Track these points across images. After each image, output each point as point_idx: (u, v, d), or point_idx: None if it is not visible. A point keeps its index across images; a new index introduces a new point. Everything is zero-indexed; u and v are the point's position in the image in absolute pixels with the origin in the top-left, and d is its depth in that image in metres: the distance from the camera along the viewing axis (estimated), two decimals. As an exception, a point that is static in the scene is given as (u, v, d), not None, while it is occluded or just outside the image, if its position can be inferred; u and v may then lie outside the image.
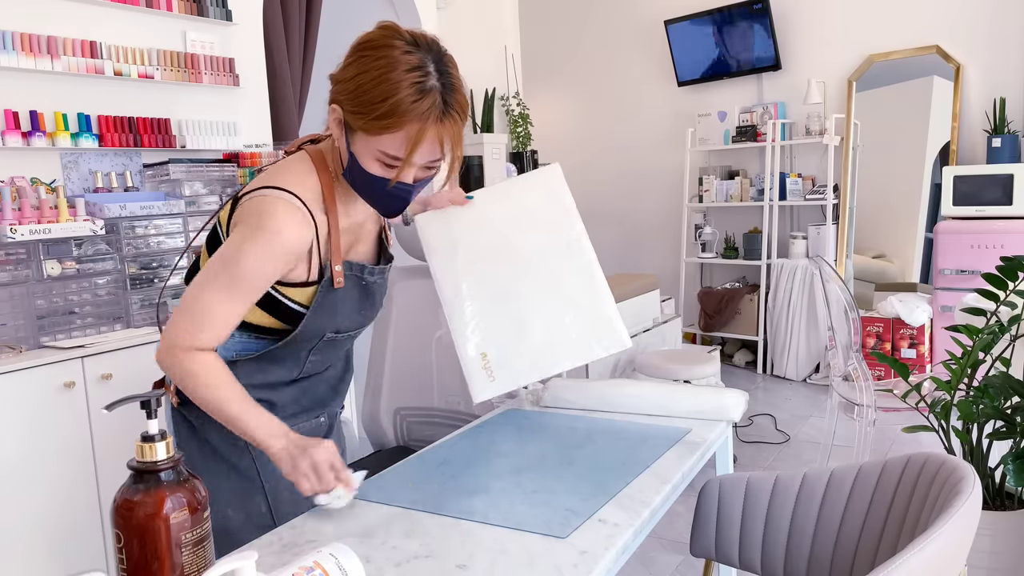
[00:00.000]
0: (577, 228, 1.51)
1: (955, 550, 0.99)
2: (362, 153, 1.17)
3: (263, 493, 1.32)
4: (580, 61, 5.95)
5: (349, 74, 1.14)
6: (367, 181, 1.19)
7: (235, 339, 1.31)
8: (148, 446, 0.90)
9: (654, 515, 1.19)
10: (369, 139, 1.15)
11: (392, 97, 1.10)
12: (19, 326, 2.36)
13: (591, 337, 1.45)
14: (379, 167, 1.17)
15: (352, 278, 1.31)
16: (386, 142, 1.14)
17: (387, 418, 2.29)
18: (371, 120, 1.12)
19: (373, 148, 1.15)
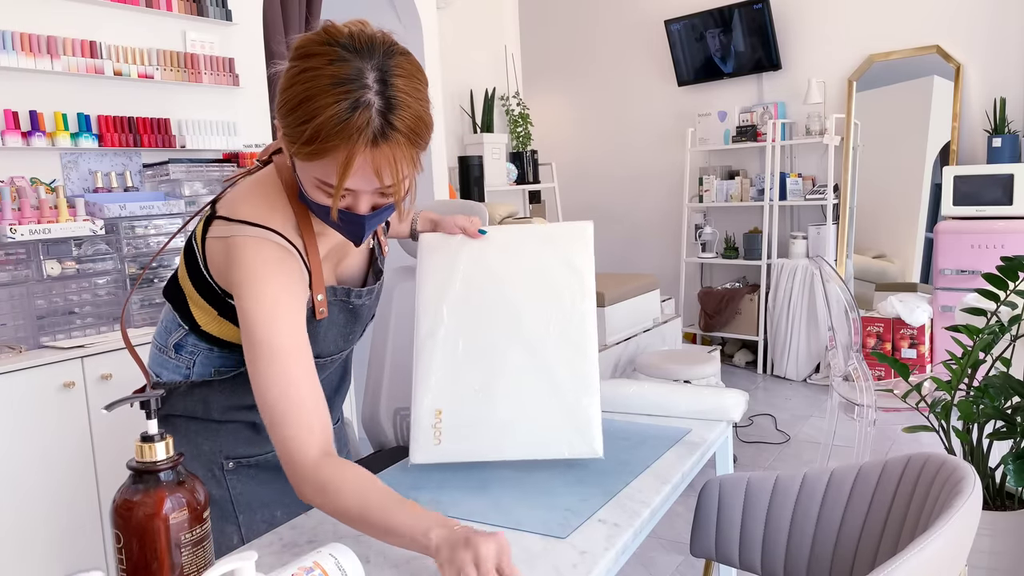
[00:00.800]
0: (587, 304, 1.30)
1: (955, 550, 0.98)
2: (303, 179, 1.02)
3: (236, 524, 1.24)
4: (580, 61, 5.95)
5: (281, 86, 0.97)
6: (314, 209, 1.06)
7: (214, 353, 1.22)
8: (148, 446, 0.89)
9: (654, 515, 1.19)
10: (303, 165, 1.00)
11: (315, 119, 0.92)
12: (19, 326, 2.36)
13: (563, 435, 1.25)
14: (321, 195, 1.01)
15: (337, 303, 1.22)
16: (318, 168, 0.98)
17: (387, 418, 2.29)
18: (299, 145, 0.95)
19: (309, 175, 1.00)
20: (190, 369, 1.24)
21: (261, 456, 1.28)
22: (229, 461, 1.25)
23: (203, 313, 1.19)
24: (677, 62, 5.42)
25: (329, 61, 0.93)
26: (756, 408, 4.30)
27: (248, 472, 1.26)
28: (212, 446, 1.24)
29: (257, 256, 1.04)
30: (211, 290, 1.15)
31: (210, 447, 1.24)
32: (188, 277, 1.18)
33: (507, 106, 5.79)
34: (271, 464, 1.28)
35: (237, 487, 1.25)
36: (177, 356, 1.24)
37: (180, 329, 1.22)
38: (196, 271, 1.16)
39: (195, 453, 1.23)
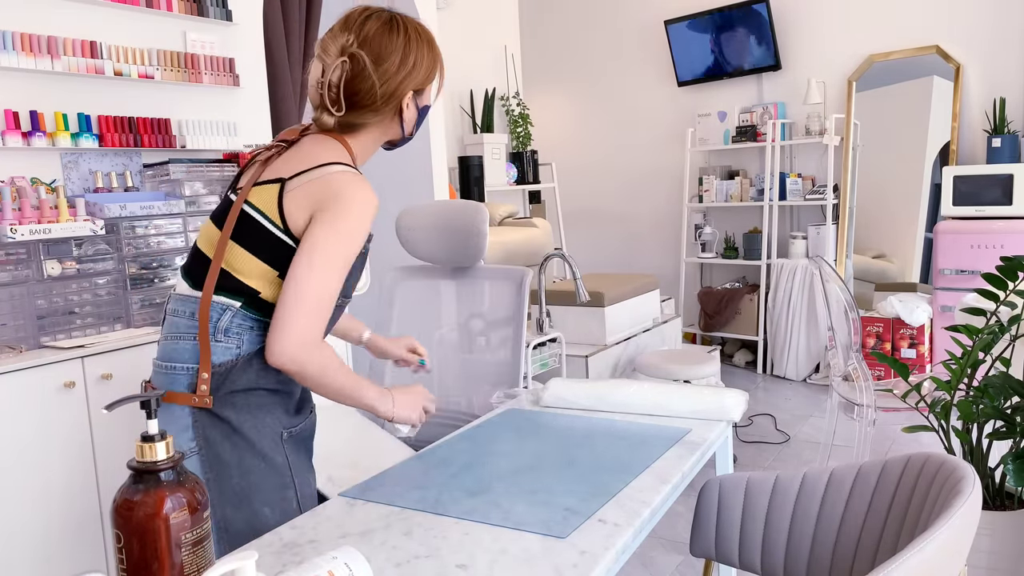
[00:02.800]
0: None
1: (955, 550, 0.99)
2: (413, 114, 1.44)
3: (294, 488, 1.37)
4: (580, 61, 5.95)
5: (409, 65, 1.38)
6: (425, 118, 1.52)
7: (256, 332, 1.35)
8: (148, 446, 0.90)
9: (654, 515, 1.19)
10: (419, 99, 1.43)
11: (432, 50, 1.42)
12: (19, 326, 2.36)
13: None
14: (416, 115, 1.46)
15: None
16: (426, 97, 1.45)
17: (387, 418, 2.29)
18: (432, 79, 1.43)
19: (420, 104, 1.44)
20: (239, 348, 1.34)
21: (300, 425, 1.44)
22: (284, 431, 1.39)
23: (260, 280, 1.33)
24: (677, 62, 5.42)
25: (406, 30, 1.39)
26: (756, 408, 4.30)
27: (293, 441, 1.42)
28: (272, 418, 1.38)
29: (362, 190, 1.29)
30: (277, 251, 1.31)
31: (271, 419, 1.37)
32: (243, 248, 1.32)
33: (507, 106, 5.79)
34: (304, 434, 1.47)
35: (291, 454, 1.40)
36: (227, 338, 1.34)
37: (227, 312, 1.33)
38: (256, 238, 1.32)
39: (261, 426, 1.36)
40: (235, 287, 1.33)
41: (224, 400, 1.33)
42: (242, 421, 1.34)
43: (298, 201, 1.29)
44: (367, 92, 1.35)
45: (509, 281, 2.17)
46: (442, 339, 2.26)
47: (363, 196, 1.28)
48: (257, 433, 1.34)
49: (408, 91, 1.38)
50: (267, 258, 1.31)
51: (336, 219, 1.26)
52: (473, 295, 2.23)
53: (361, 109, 1.37)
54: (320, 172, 1.29)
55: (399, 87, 1.37)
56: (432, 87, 1.45)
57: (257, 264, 1.32)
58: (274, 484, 1.35)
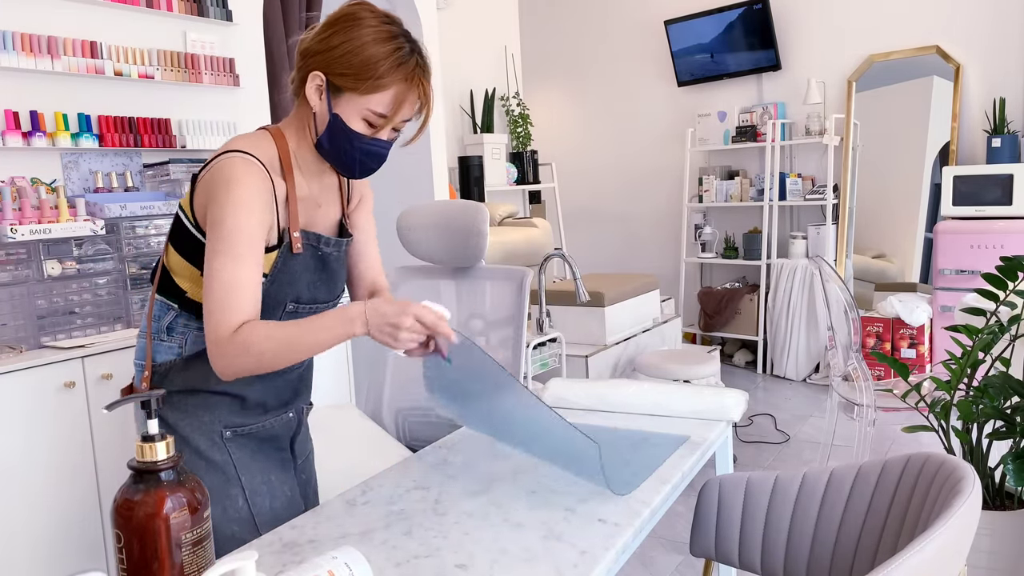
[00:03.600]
0: None
1: (955, 550, 0.99)
2: (348, 113, 1.27)
3: (240, 487, 1.35)
4: (580, 61, 5.95)
5: (335, 42, 1.25)
6: (349, 139, 1.28)
7: (191, 329, 1.33)
8: (148, 446, 0.90)
9: (654, 515, 1.19)
10: (358, 99, 1.25)
11: (385, 60, 1.24)
12: (19, 326, 2.36)
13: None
14: (364, 126, 1.27)
15: (309, 248, 1.35)
16: (375, 101, 1.25)
17: (389, 418, 2.29)
18: (364, 81, 1.24)
19: (361, 108, 1.26)
20: (183, 348, 1.33)
21: (253, 426, 1.39)
22: (227, 430, 1.36)
23: (186, 280, 1.31)
24: (677, 62, 5.42)
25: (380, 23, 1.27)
26: (756, 408, 4.30)
27: (242, 440, 1.37)
28: (211, 416, 1.35)
29: (238, 168, 1.22)
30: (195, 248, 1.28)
31: (209, 418, 1.34)
32: (174, 249, 1.31)
33: (507, 106, 5.79)
34: (262, 435, 1.41)
35: (236, 453, 1.36)
36: (170, 337, 1.33)
37: (170, 311, 1.33)
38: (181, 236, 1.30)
39: (196, 424, 1.33)
40: (171, 287, 1.33)
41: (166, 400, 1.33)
42: (177, 420, 1.33)
43: (199, 194, 1.26)
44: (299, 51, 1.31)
45: (509, 281, 2.17)
46: (442, 339, 2.25)
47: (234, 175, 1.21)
48: (192, 431, 1.33)
49: (317, 67, 1.26)
50: (189, 257, 1.30)
51: (215, 206, 1.21)
52: (473, 295, 2.23)
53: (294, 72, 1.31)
54: (216, 160, 1.25)
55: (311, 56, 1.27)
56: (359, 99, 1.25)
57: (183, 264, 1.31)
58: (215, 482, 1.33)
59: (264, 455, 1.41)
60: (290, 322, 1.20)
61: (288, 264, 1.31)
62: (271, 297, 1.31)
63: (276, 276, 1.30)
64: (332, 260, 1.41)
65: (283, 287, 1.32)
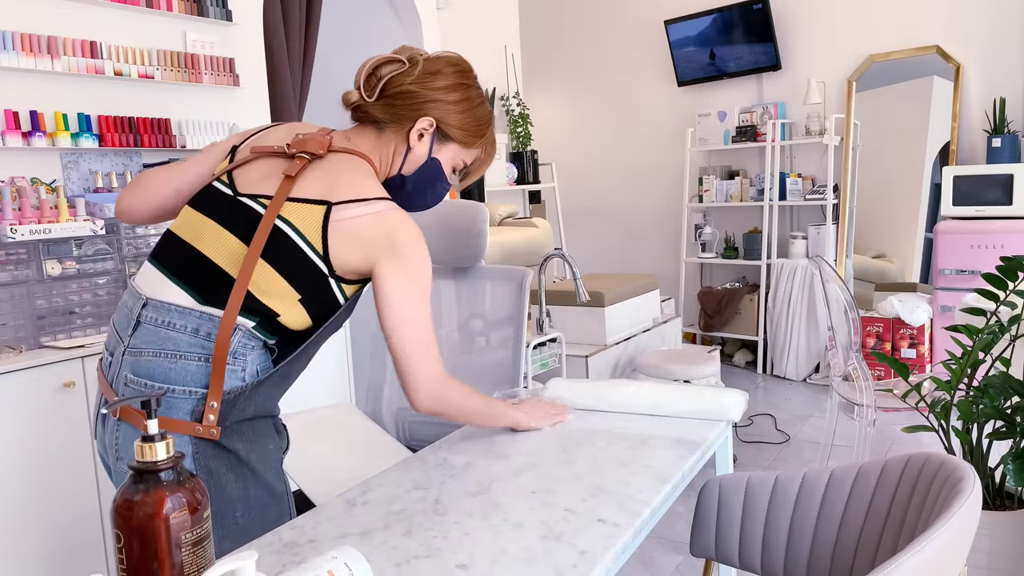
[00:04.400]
0: None
1: (955, 550, 0.99)
2: (446, 160, 1.41)
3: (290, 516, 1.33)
4: (580, 61, 5.95)
5: (454, 97, 1.37)
6: (437, 182, 1.42)
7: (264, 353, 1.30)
8: (148, 446, 0.89)
9: (654, 515, 1.19)
10: (459, 151, 1.41)
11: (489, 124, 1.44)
12: (19, 326, 2.36)
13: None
14: (450, 171, 1.43)
15: None
16: (470, 154, 1.43)
17: (389, 418, 2.29)
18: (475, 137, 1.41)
19: (458, 158, 1.42)
20: (245, 371, 1.27)
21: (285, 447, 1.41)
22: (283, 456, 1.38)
23: (280, 301, 1.27)
24: (677, 62, 5.42)
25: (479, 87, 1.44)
26: (756, 408, 4.30)
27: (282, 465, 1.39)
28: (273, 445, 1.35)
29: (415, 230, 1.30)
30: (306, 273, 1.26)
31: (273, 446, 1.34)
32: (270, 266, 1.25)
33: (507, 106, 5.79)
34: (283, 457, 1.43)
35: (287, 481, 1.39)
36: (234, 361, 1.26)
37: (238, 331, 1.25)
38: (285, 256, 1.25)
39: (263, 455, 1.30)
40: (253, 307, 1.25)
41: (231, 429, 1.26)
42: (249, 451, 1.28)
43: (348, 236, 1.25)
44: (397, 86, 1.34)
45: (509, 281, 2.17)
46: (443, 339, 2.26)
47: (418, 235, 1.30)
48: (263, 463, 1.29)
49: (431, 114, 1.35)
50: (295, 280, 1.25)
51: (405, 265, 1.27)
52: (473, 295, 2.23)
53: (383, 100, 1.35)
54: (370, 208, 1.27)
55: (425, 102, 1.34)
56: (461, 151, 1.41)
57: (283, 285, 1.25)
58: (275, 514, 1.30)
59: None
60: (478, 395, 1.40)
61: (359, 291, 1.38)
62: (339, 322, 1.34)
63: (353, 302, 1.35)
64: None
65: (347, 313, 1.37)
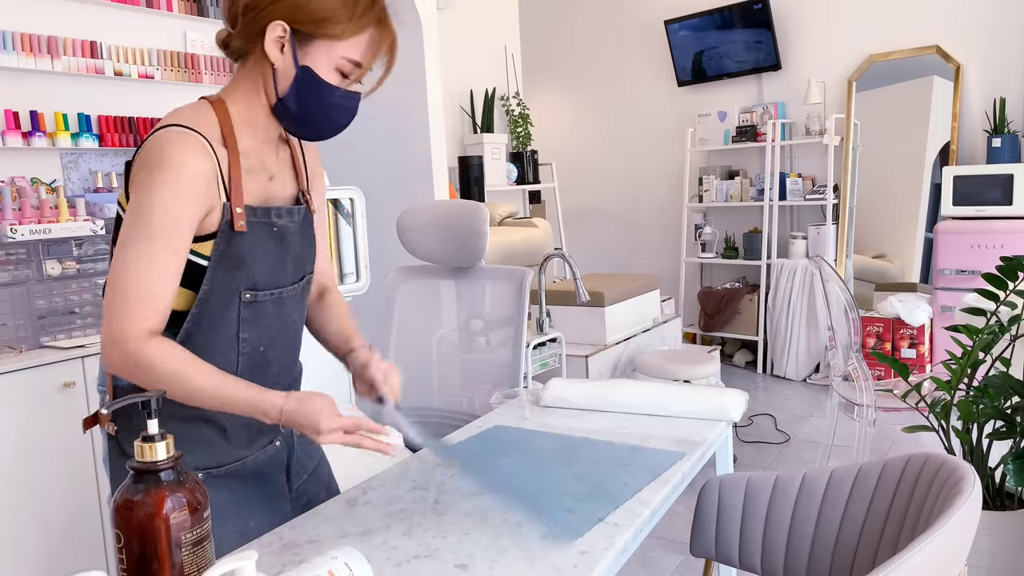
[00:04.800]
0: None
1: (955, 550, 0.99)
2: (320, 64, 1.14)
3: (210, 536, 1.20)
4: (580, 61, 5.95)
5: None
6: (321, 93, 1.15)
7: None
8: (148, 446, 0.89)
9: (654, 515, 1.19)
10: (332, 46, 1.13)
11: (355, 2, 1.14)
12: (19, 326, 2.36)
13: None
14: (336, 77, 1.16)
15: (258, 225, 1.18)
16: (350, 47, 1.14)
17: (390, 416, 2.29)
18: (340, 24, 1.12)
19: (335, 56, 1.14)
20: None
21: (231, 465, 1.22)
22: (199, 472, 1.18)
23: None
24: (677, 62, 5.42)
25: None
26: (756, 408, 4.30)
27: (217, 482, 1.20)
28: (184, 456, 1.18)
29: (174, 142, 1.08)
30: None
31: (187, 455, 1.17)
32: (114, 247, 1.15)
33: (507, 106, 5.79)
34: (241, 473, 1.24)
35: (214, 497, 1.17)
36: None
37: None
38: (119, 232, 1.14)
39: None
40: None
41: (129, 430, 1.17)
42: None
43: (132, 180, 1.11)
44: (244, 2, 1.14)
45: (509, 281, 2.17)
46: (442, 339, 2.26)
47: (165, 152, 1.07)
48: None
49: (278, 15, 1.11)
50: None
51: (138, 188, 1.07)
52: (473, 295, 2.23)
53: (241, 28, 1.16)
54: (148, 139, 1.10)
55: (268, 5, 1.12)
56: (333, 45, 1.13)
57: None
58: None
59: (244, 495, 1.24)
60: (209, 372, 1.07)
61: (234, 245, 1.15)
62: (219, 286, 1.14)
63: (219, 260, 1.14)
64: (290, 233, 1.24)
65: (231, 272, 1.15)
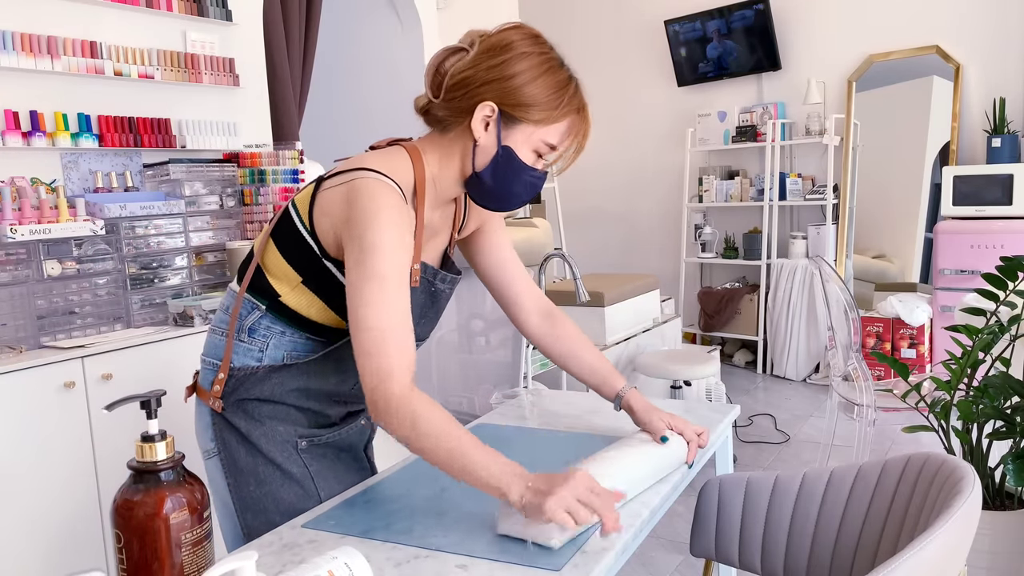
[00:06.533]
0: None
1: (955, 550, 0.99)
2: (520, 145, 1.21)
3: (318, 499, 1.30)
4: (580, 61, 5.91)
5: (510, 72, 1.18)
6: (517, 172, 1.22)
7: (285, 337, 1.27)
8: (148, 446, 0.90)
9: (654, 515, 1.19)
10: (534, 131, 1.21)
11: (564, 90, 1.21)
12: (19, 326, 2.36)
13: None
14: (532, 157, 1.23)
15: (424, 281, 1.30)
16: (551, 132, 1.21)
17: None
18: (546, 111, 1.19)
19: (535, 139, 1.21)
20: (263, 352, 1.27)
21: (328, 435, 1.35)
22: (302, 440, 1.31)
23: (284, 283, 1.24)
24: (677, 62, 5.42)
25: (546, 49, 1.23)
26: (756, 408, 4.30)
27: (319, 450, 1.33)
28: (286, 428, 1.30)
29: (382, 193, 1.13)
30: (302, 253, 1.21)
31: (284, 428, 1.30)
32: (275, 247, 1.24)
33: (507, 106, 5.79)
34: (338, 444, 1.37)
35: (313, 464, 1.31)
36: (250, 340, 1.27)
37: (255, 311, 1.27)
38: (288, 237, 1.23)
39: (271, 434, 1.29)
40: (264, 287, 1.26)
41: (237, 406, 1.29)
42: (251, 428, 1.28)
43: (323, 205, 1.18)
44: (454, 76, 1.20)
45: (509, 281, 2.16)
46: (442, 339, 2.26)
47: (380, 199, 1.12)
48: (268, 442, 1.28)
49: (488, 97, 1.18)
50: (293, 260, 1.23)
51: (359, 229, 1.12)
52: (473, 295, 2.23)
53: (446, 100, 1.22)
54: (350, 176, 1.17)
55: (480, 86, 1.18)
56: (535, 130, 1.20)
57: (284, 266, 1.24)
58: (294, 495, 1.28)
59: (343, 464, 1.37)
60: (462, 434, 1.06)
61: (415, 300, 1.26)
62: None
63: None
64: (442, 297, 1.37)
65: None
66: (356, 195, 1.14)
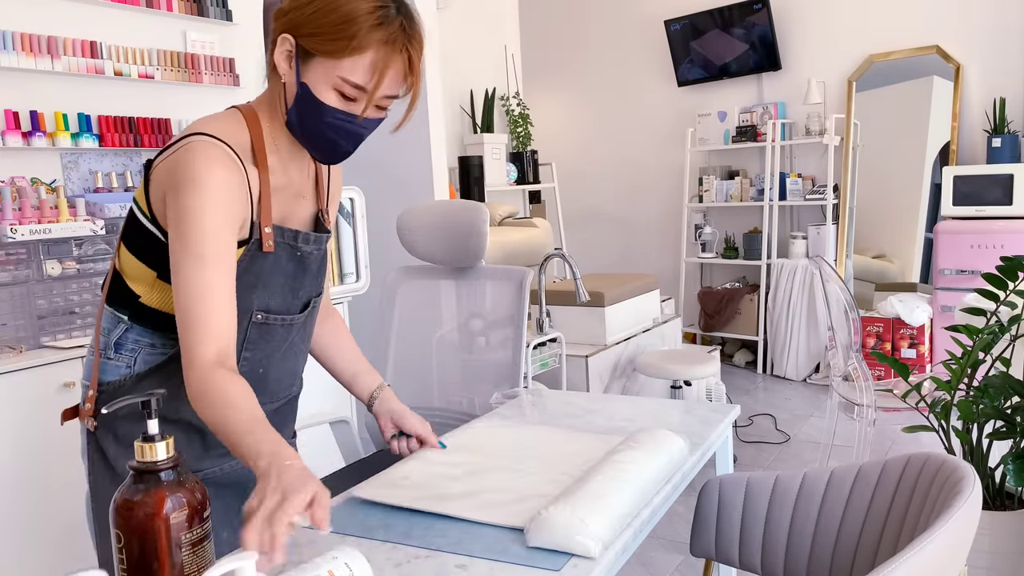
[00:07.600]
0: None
1: (955, 550, 0.99)
2: (318, 82, 1.09)
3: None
4: (580, 61, 5.95)
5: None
6: (317, 112, 1.10)
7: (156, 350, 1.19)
8: (148, 446, 0.90)
9: (654, 515, 1.19)
10: (329, 64, 1.07)
11: (358, 17, 1.05)
12: (19, 326, 2.36)
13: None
14: (336, 98, 1.09)
15: (284, 246, 1.18)
16: (348, 67, 1.07)
17: (387, 418, 2.29)
18: (336, 41, 1.05)
19: (332, 75, 1.08)
20: (131, 368, 1.20)
21: (210, 470, 1.23)
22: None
23: (141, 283, 1.17)
24: (677, 62, 5.42)
25: None
26: (756, 408, 4.30)
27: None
28: None
29: (203, 154, 1.06)
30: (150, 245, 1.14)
31: None
32: (127, 249, 1.18)
33: (507, 106, 5.79)
34: (221, 480, 1.24)
35: None
36: (118, 355, 1.20)
37: (119, 325, 1.19)
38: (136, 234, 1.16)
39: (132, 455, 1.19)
40: (124, 294, 1.18)
41: (108, 427, 1.19)
42: (117, 456, 1.18)
43: (155, 183, 1.11)
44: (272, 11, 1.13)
45: (509, 281, 2.17)
46: (442, 339, 2.26)
47: (198, 163, 1.05)
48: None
49: (285, 28, 1.09)
50: (144, 256, 1.15)
51: (177, 200, 1.05)
52: (473, 295, 2.23)
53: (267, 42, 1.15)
54: (176, 145, 1.09)
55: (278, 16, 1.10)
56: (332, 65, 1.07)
57: (137, 265, 1.16)
58: None
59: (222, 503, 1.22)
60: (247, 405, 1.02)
61: (256, 264, 1.15)
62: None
63: (239, 277, 1.13)
64: (312, 260, 1.24)
65: (248, 291, 1.15)
66: (176, 161, 1.07)
